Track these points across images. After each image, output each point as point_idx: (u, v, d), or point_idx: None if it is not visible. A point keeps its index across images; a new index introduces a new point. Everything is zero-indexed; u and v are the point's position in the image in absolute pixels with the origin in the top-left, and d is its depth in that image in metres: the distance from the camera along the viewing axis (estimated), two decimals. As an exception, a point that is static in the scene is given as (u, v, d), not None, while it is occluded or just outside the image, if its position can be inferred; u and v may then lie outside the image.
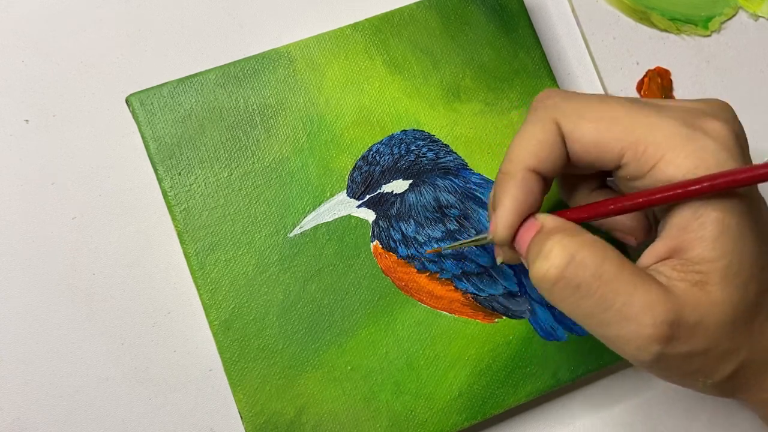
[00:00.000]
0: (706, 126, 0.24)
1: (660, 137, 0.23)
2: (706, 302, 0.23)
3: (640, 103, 0.25)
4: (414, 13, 0.34)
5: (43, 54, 0.34)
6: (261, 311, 0.31)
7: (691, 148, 0.23)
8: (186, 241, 0.31)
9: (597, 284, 0.22)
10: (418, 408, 0.31)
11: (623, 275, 0.23)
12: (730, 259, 0.23)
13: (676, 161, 0.23)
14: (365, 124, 0.33)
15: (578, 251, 0.23)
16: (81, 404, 0.32)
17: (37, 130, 0.34)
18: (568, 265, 0.23)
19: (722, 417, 0.36)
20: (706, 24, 0.39)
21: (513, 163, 0.25)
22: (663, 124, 0.24)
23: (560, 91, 0.26)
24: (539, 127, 0.25)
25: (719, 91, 0.39)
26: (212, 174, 0.31)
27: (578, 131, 0.25)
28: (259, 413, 0.30)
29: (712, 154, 0.23)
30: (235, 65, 0.32)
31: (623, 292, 0.22)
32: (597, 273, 0.22)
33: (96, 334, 0.33)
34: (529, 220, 0.25)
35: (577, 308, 0.23)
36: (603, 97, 0.25)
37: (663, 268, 0.24)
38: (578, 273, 0.23)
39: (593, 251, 0.23)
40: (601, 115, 0.25)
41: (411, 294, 0.32)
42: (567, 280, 0.23)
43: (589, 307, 0.23)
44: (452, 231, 0.32)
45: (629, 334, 0.22)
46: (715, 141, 0.23)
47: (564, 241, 0.23)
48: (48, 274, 0.33)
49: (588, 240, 0.23)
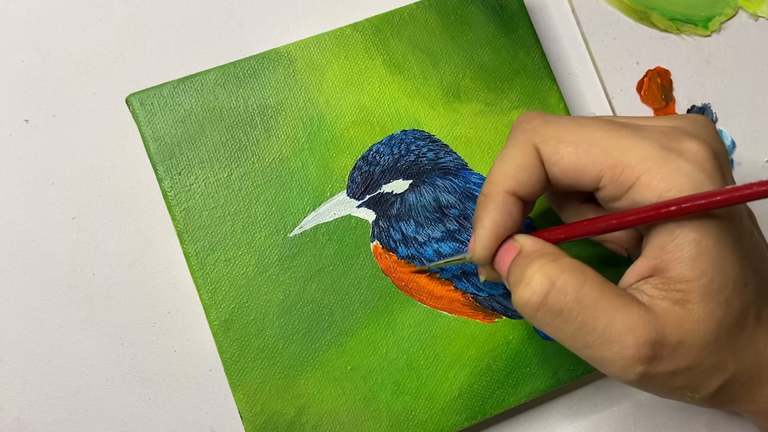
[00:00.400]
0: (683, 147, 0.24)
1: (635, 159, 0.24)
2: (687, 320, 0.23)
3: (618, 125, 0.25)
4: (414, 13, 0.34)
5: (43, 54, 0.34)
6: (261, 311, 0.31)
7: (666, 170, 0.23)
8: (186, 241, 0.31)
9: (578, 309, 0.23)
10: (418, 408, 0.31)
11: (604, 298, 0.23)
12: (710, 277, 0.23)
13: (651, 184, 0.23)
14: (365, 124, 0.33)
15: (559, 276, 0.23)
16: (81, 404, 0.32)
17: (37, 130, 0.34)
18: (549, 293, 0.23)
19: (722, 417, 0.36)
20: (706, 24, 0.39)
21: (493, 185, 0.26)
22: (639, 146, 0.24)
23: (539, 114, 0.27)
24: (519, 151, 0.26)
25: (719, 91, 0.39)
26: (212, 174, 0.31)
27: (557, 155, 0.25)
28: (259, 413, 0.30)
29: (687, 177, 0.23)
30: (235, 65, 0.32)
31: (604, 315, 0.23)
32: (578, 298, 0.23)
33: (96, 334, 0.33)
34: (508, 242, 0.26)
35: (560, 332, 0.24)
36: (581, 120, 0.26)
37: (645, 286, 0.24)
38: (559, 299, 0.23)
39: (573, 276, 0.23)
40: (579, 138, 0.25)
41: (411, 294, 0.32)
42: (549, 306, 0.23)
43: (572, 331, 0.23)
44: (452, 231, 0.32)
45: (612, 355, 0.23)
46: (691, 163, 0.23)
47: (545, 268, 0.24)
48: (48, 274, 0.33)
49: (568, 265, 0.24)
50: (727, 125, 0.39)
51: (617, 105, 0.38)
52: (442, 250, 0.32)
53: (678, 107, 0.38)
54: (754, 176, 0.38)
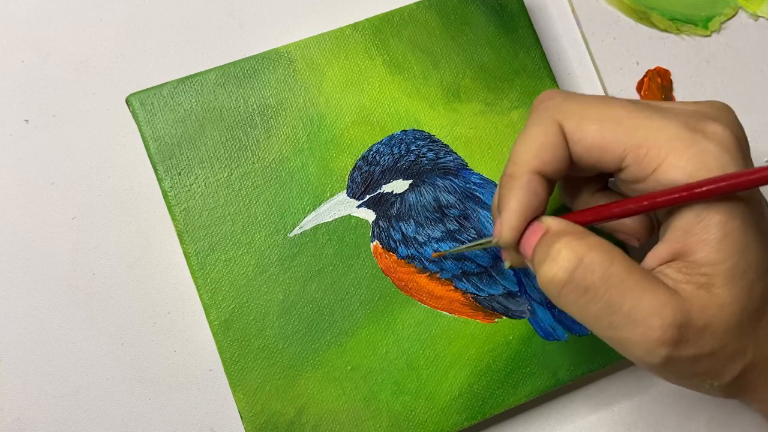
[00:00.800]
0: (708, 129, 0.23)
1: (662, 140, 0.23)
2: (713, 304, 0.23)
3: (642, 105, 0.25)
4: (414, 13, 0.34)
5: (43, 54, 0.34)
6: (261, 311, 0.31)
7: (693, 150, 0.23)
8: (186, 241, 0.31)
9: (605, 287, 0.22)
10: (418, 408, 0.31)
11: (631, 278, 0.23)
12: (735, 260, 0.22)
13: (679, 164, 0.23)
14: (365, 124, 0.33)
15: (586, 254, 0.23)
16: (81, 404, 0.32)
17: (37, 130, 0.34)
18: (576, 268, 0.23)
19: (722, 417, 0.36)
20: (706, 24, 0.39)
21: (517, 165, 0.25)
22: (665, 126, 0.23)
23: (561, 92, 0.26)
24: (541, 129, 0.25)
25: (719, 91, 0.39)
26: (212, 174, 0.31)
27: (580, 132, 0.25)
28: (259, 413, 0.30)
29: (714, 158, 0.23)
30: (235, 65, 0.32)
31: (631, 295, 0.22)
32: (605, 276, 0.22)
33: (96, 334, 0.33)
34: (534, 224, 0.25)
35: (585, 311, 0.23)
36: (605, 98, 0.25)
37: (668, 270, 0.24)
38: (586, 276, 0.23)
39: (601, 254, 0.23)
40: (603, 116, 0.24)
41: (411, 294, 0.32)
42: (575, 283, 0.23)
43: (598, 311, 0.23)
44: (452, 231, 0.32)
45: (637, 337, 0.22)
46: (717, 144, 0.23)
47: (572, 244, 0.23)
48: (48, 274, 0.33)
49: (596, 242, 0.23)
50: None
51: None
52: (443, 249, 0.32)
53: None
54: None
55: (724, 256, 0.22)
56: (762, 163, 0.38)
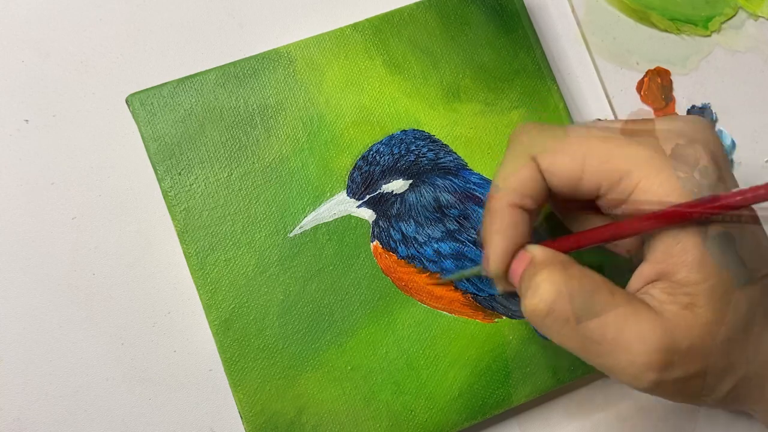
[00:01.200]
0: (681, 151, 0.24)
1: (634, 166, 0.24)
2: (697, 324, 0.23)
3: (613, 132, 0.25)
4: (414, 13, 0.34)
5: (43, 54, 0.34)
6: (261, 311, 0.31)
7: (664, 175, 0.23)
8: (186, 241, 0.31)
9: (587, 317, 0.23)
10: (418, 408, 0.31)
11: (614, 306, 0.23)
12: (716, 279, 0.23)
13: (650, 189, 0.23)
14: (365, 124, 0.33)
15: (566, 284, 0.23)
16: (81, 404, 0.32)
17: (37, 130, 0.34)
18: (555, 300, 0.23)
19: (722, 417, 0.36)
20: (706, 24, 0.39)
21: (496, 200, 0.26)
22: (637, 153, 0.24)
23: (536, 125, 0.27)
24: (517, 164, 0.26)
25: (719, 91, 0.39)
26: (212, 174, 0.32)
27: (554, 166, 0.25)
28: (260, 413, 0.30)
29: (685, 181, 0.23)
30: (235, 65, 0.32)
31: (615, 323, 0.23)
32: (588, 310, 0.23)
33: (96, 334, 0.33)
34: (520, 253, 0.26)
35: (569, 341, 0.24)
36: (577, 129, 0.26)
37: (654, 291, 0.24)
38: (566, 308, 0.23)
39: (582, 284, 0.23)
40: (576, 148, 0.25)
41: (411, 294, 0.32)
42: (556, 314, 0.23)
43: (581, 340, 0.23)
44: (452, 231, 0.33)
45: (623, 363, 0.23)
46: (689, 166, 0.23)
47: (553, 276, 0.24)
48: (48, 274, 0.33)
49: (577, 273, 0.24)
50: (727, 125, 0.39)
51: (617, 105, 0.38)
52: (442, 249, 0.32)
53: (678, 107, 0.38)
54: (754, 176, 0.38)
55: (704, 276, 0.23)
56: (762, 164, 0.38)
